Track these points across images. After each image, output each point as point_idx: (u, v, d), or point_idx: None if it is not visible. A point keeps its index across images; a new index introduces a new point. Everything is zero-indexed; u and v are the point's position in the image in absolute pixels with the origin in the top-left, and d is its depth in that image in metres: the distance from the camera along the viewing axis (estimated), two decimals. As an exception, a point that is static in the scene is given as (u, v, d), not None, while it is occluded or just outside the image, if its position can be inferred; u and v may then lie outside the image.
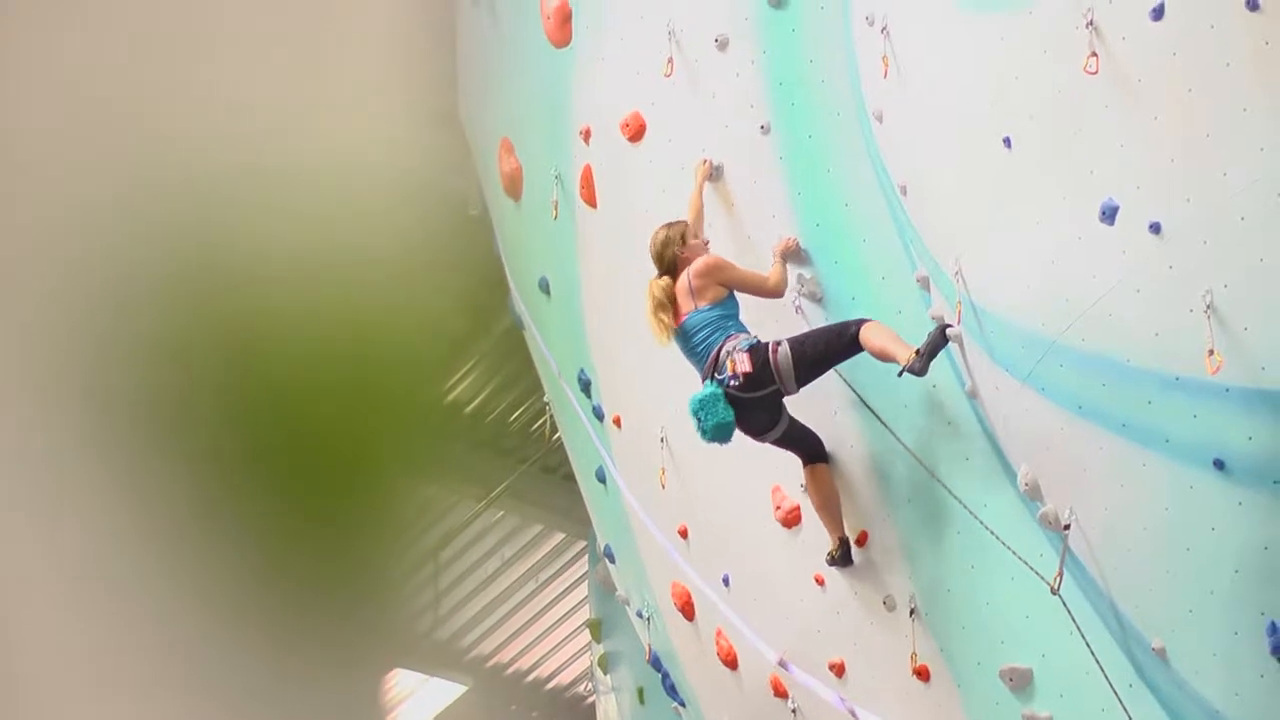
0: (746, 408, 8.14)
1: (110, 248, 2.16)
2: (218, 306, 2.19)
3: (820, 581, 8.71)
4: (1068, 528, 7.36)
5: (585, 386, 10.21)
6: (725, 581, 9.33)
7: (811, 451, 8.49)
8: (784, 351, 8.06)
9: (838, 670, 8.74)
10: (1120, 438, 7.08)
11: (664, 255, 8.46)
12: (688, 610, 9.80)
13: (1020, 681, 7.82)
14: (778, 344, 8.09)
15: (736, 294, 8.39)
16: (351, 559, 2.27)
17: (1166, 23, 6.76)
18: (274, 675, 2.25)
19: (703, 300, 8.29)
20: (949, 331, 7.75)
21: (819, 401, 8.43)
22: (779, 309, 8.49)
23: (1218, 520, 6.88)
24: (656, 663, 10.41)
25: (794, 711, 9.08)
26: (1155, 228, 6.86)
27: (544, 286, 10.37)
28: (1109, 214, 6.99)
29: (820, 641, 8.80)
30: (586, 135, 9.63)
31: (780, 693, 9.16)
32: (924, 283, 7.96)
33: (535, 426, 14.79)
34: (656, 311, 8.38)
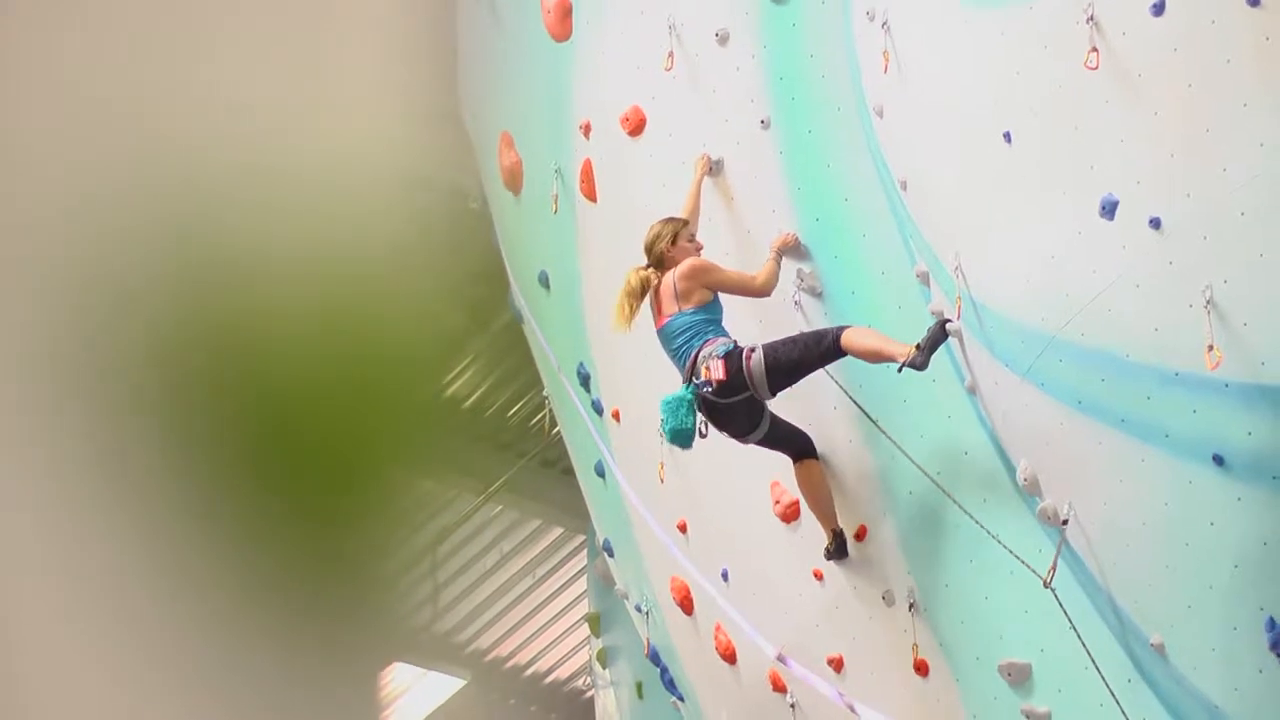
0: (725, 413, 8.13)
1: (109, 245, 2.16)
2: (217, 302, 2.19)
3: (819, 576, 8.71)
4: (1065, 523, 7.36)
5: (584, 380, 10.20)
6: (724, 576, 9.33)
7: (799, 449, 8.48)
8: (757, 358, 8.02)
9: (836, 665, 8.74)
10: (1119, 433, 7.08)
11: (652, 249, 8.43)
12: (686, 605, 9.79)
13: (1019, 676, 7.82)
14: (752, 350, 8.05)
15: (723, 296, 8.36)
16: (350, 553, 2.27)
17: (1167, 18, 6.76)
18: (272, 670, 2.25)
19: (687, 303, 8.25)
20: (949, 326, 7.74)
21: (816, 397, 8.42)
22: (779, 304, 8.49)
23: (1217, 515, 6.88)
24: (655, 657, 10.41)
25: (793, 706, 9.08)
26: (1155, 223, 6.86)
27: (544, 281, 10.36)
28: (1109, 209, 6.98)
29: (819, 636, 8.79)
30: (587, 129, 9.62)
31: (779, 687, 9.16)
32: (924, 278, 7.96)
33: (534, 421, 14.78)
34: (626, 297, 8.35)
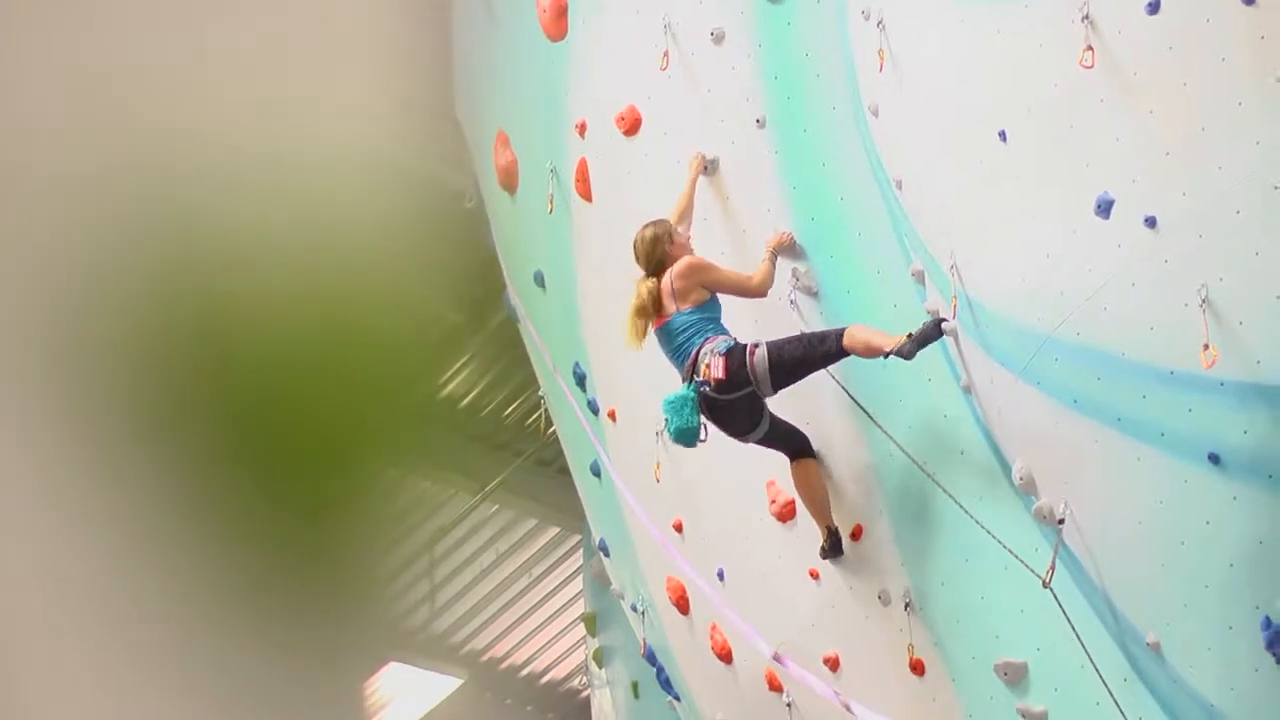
0: (726, 410, 8.12)
1: (104, 244, 2.15)
2: (209, 300, 2.19)
3: (815, 575, 8.71)
4: (1061, 522, 7.36)
5: (580, 380, 10.20)
6: (720, 575, 9.33)
7: (797, 448, 8.48)
8: (761, 354, 8.01)
9: (832, 664, 8.73)
10: (1115, 431, 7.08)
11: (653, 253, 8.37)
12: (682, 604, 9.79)
13: (1015, 675, 7.82)
14: (755, 346, 8.05)
15: (720, 295, 8.35)
16: (345, 553, 2.27)
17: (1162, 16, 6.76)
18: (266, 670, 2.25)
19: (685, 303, 8.22)
20: (944, 326, 7.74)
21: (812, 396, 8.42)
22: (774, 304, 8.49)
23: (1213, 514, 6.88)
24: (651, 657, 10.41)
25: (789, 706, 9.08)
26: (1151, 221, 6.86)
27: (539, 280, 10.36)
28: (1104, 208, 6.98)
29: (815, 635, 8.79)
30: (582, 129, 9.62)
31: (775, 687, 9.16)
32: (919, 277, 7.95)
33: (530, 420, 14.76)
34: (636, 315, 8.32)
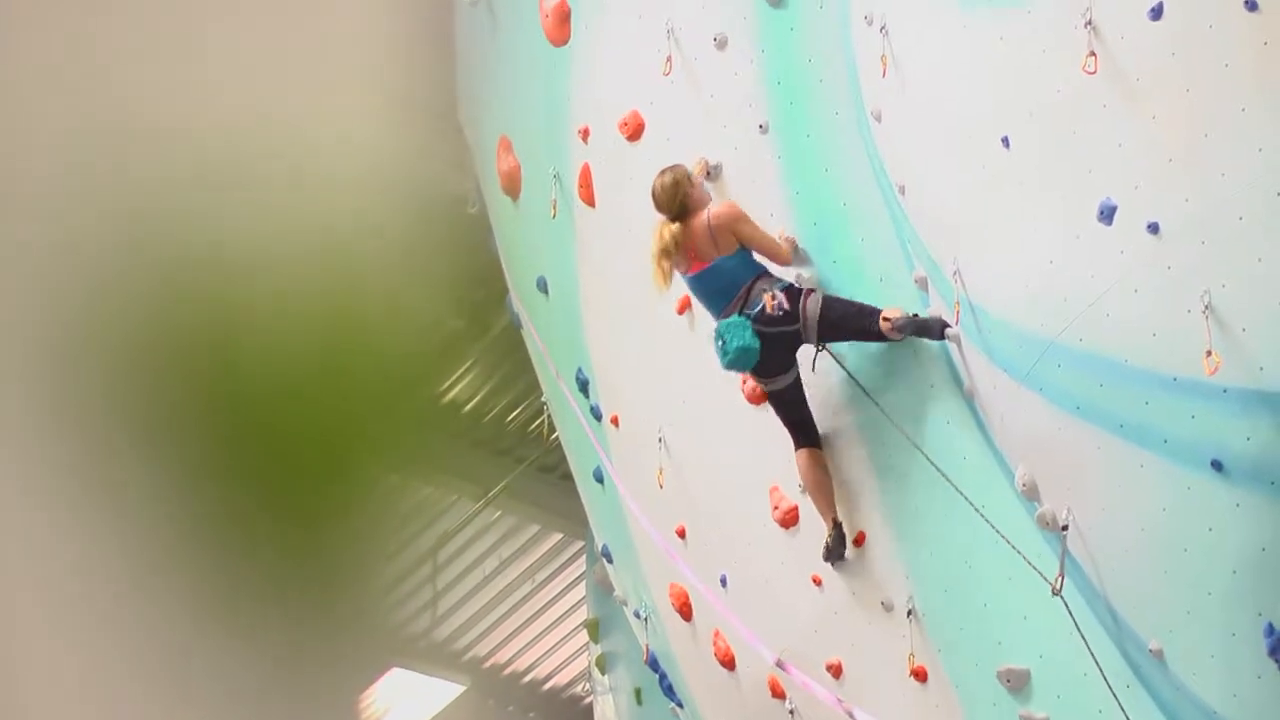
0: (767, 344, 8.19)
1: (103, 248, 2.15)
2: (214, 307, 2.18)
3: (818, 582, 8.70)
4: (1065, 528, 7.35)
5: (583, 386, 10.19)
6: (723, 582, 9.32)
7: (809, 436, 8.50)
8: (816, 298, 8.20)
9: (835, 671, 8.72)
10: (1118, 438, 7.07)
11: (675, 198, 8.43)
12: (685, 611, 9.78)
13: (1018, 682, 7.81)
14: (812, 290, 8.23)
15: None
16: (347, 559, 2.27)
17: (1165, 22, 6.75)
18: (269, 676, 2.24)
19: (725, 249, 8.34)
20: (947, 332, 7.75)
21: (818, 402, 8.43)
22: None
23: (1215, 521, 6.87)
24: (654, 663, 10.40)
25: (792, 712, 9.07)
26: (1153, 228, 6.85)
27: (542, 286, 10.35)
28: (1107, 214, 6.98)
29: (818, 642, 8.78)
30: (585, 134, 9.62)
31: (778, 693, 9.15)
32: (922, 283, 7.95)
33: (533, 426, 14.75)
34: (661, 257, 8.37)
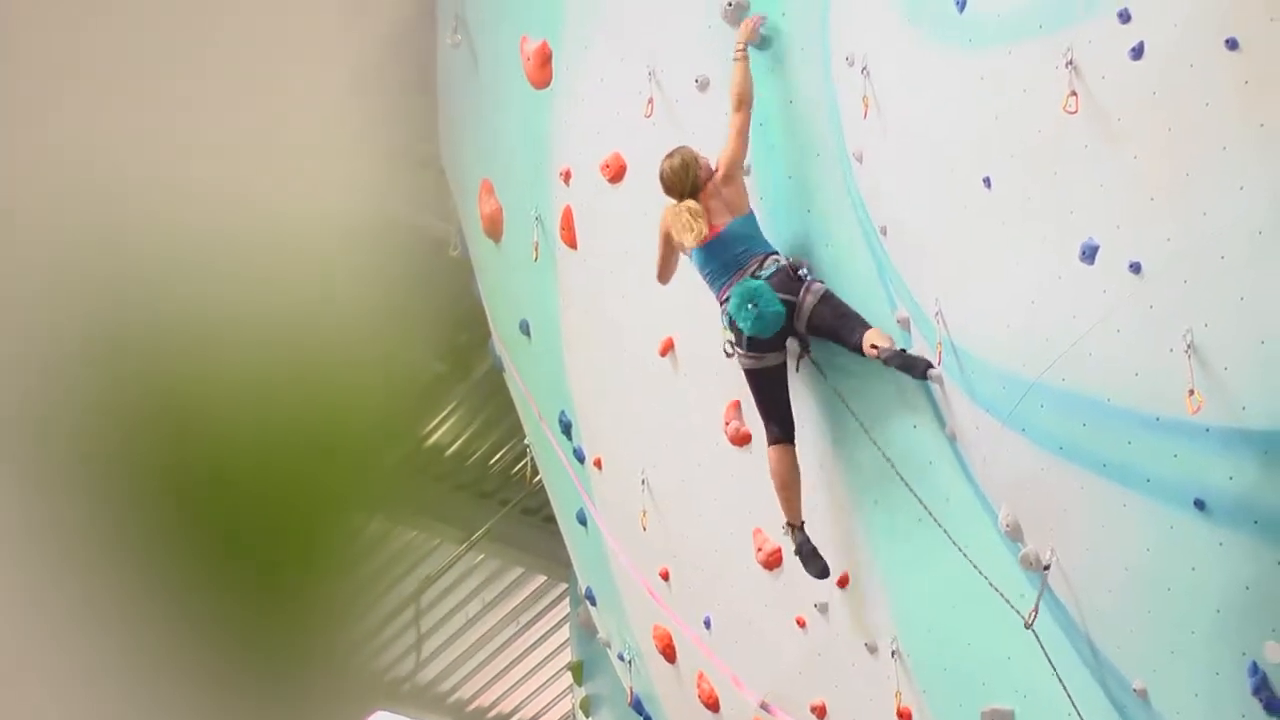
0: None
1: (66, 300, 2.14)
2: (196, 350, 2.17)
3: (802, 623, 8.69)
4: (1047, 567, 7.34)
5: (566, 429, 10.19)
6: (707, 624, 9.30)
7: (784, 429, 8.46)
8: (819, 288, 8.25)
9: (819, 712, 8.71)
10: (1101, 478, 7.07)
11: (687, 179, 8.47)
12: (669, 653, 9.76)
13: (1003, 723, 7.80)
14: (815, 280, 8.27)
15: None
16: (331, 602, 2.26)
17: (1146, 62, 6.77)
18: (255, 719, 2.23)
19: (737, 212, 8.40)
20: (930, 373, 7.74)
21: (801, 437, 8.42)
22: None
23: (1199, 560, 6.86)
24: (638, 705, 10.37)
25: (776, 754, 9.05)
26: (1135, 267, 6.86)
27: (524, 328, 10.35)
28: (1089, 253, 6.99)
29: (802, 683, 8.77)
30: (567, 176, 9.63)
31: (762, 735, 9.13)
32: (904, 324, 7.96)
33: (516, 469, 14.74)
34: (697, 217, 8.39)
